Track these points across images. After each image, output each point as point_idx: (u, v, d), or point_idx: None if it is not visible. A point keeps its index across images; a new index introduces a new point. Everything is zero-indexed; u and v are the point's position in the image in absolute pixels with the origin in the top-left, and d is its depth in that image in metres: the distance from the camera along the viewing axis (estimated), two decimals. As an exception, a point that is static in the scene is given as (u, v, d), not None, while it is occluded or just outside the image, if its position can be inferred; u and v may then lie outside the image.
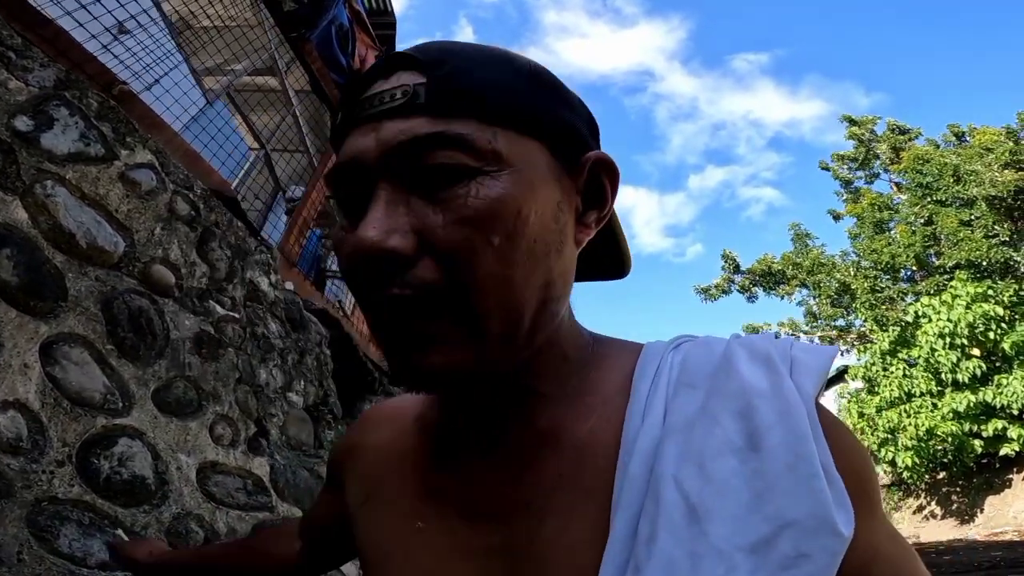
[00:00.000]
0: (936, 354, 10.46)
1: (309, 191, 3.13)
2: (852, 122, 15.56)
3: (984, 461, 11.12)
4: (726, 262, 15.36)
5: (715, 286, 15.38)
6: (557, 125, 0.39)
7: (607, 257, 0.50)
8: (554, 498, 0.38)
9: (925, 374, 10.83)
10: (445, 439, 0.45)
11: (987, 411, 10.20)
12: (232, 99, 3.59)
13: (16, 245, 1.35)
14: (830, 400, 14.41)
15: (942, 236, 12.45)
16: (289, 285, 2.88)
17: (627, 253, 0.50)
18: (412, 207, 0.34)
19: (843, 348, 13.89)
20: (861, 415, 12.09)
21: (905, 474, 11.31)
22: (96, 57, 1.81)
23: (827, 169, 15.94)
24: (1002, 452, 10.19)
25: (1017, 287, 10.86)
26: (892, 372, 11.49)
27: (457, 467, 0.43)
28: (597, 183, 0.42)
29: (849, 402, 12.91)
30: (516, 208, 0.35)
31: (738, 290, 15.28)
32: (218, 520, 1.73)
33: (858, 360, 13.12)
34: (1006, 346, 10.08)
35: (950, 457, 10.87)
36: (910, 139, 14.70)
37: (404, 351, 0.35)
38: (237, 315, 2.14)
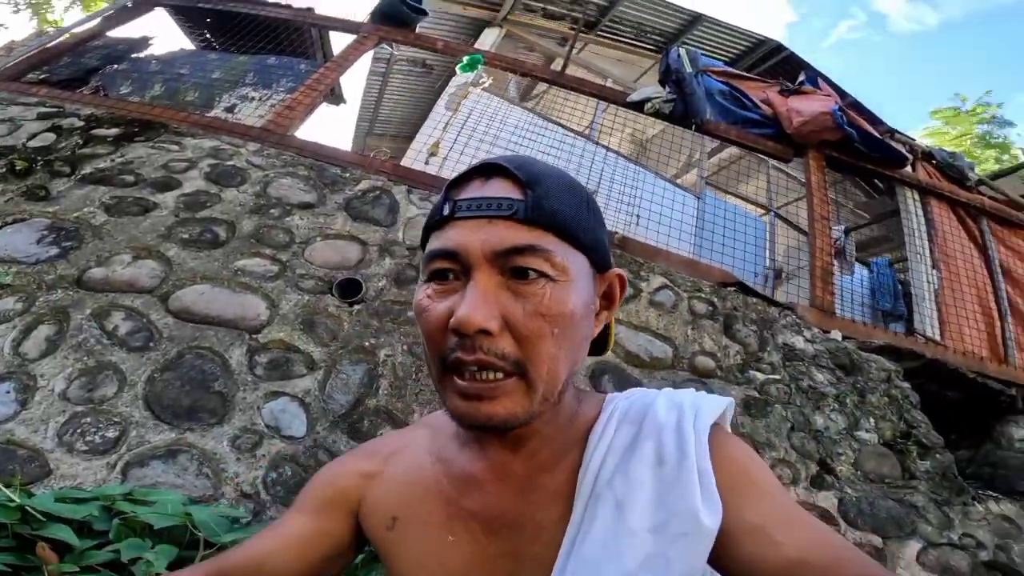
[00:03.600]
0: None
1: (812, 238, 3.10)
2: None
3: None
4: None
5: None
6: (599, 245, 0.55)
7: (597, 342, 0.62)
8: (547, 512, 0.54)
9: None
10: (467, 473, 0.59)
11: None
12: (709, 183, 4.13)
13: (612, 372, 2.09)
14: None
15: None
16: (836, 334, 2.84)
17: (611, 341, 0.65)
18: (500, 295, 0.48)
19: None
20: None
21: None
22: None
23: None
24: None
25: None
26: None
27: (478, 493, 0.57)
28: (611, 291, 0.59)
29: None
30: (572, 310, 0.50)
31: None
32: None
33: None
34: None
35: None
36: None
37: (477, 400, 0.48)
38: (778, 376, 2.33)
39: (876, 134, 3.24)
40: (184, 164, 2.28)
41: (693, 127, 3.22)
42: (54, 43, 3.78)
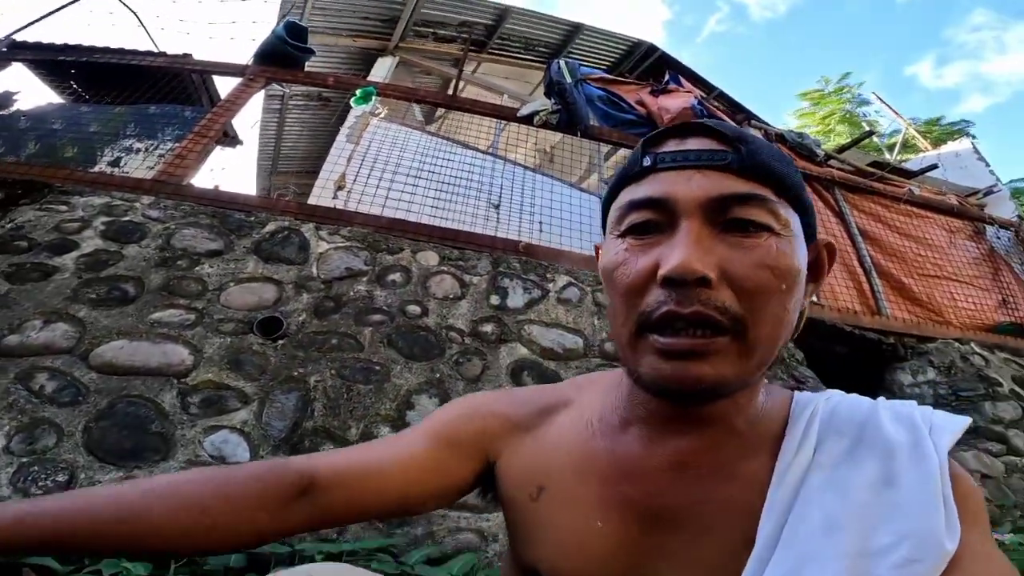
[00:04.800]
0: None
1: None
2: None
3: None
4: None
5: None
6: (809, 213, 0.53)
7: None
8: (720, 516, 0.50)
9: None
10: (632, 454, 0.55)
11: None
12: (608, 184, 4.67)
13: (531, 368, 2.41)
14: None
15: None
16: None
17: (802, 323, 0.58)
18: (714, 246, 0.46)
19: None
20: None
21: None
22: (492, 235, 2.97)
23: None
24: None
25: None
26: None
27: (641, 481, 0.54)
28: (819, 262, 0.55)
29: None
30: (799, 267, 0.48)
31: None
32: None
33: None
34: None
35: None
36: None
37: (684, 359, 0.45)
38: (679, 351, 2.76)
39: (732, 123, 3.84)
40: (77, 224, 2.37)
41: (579, 134, 3.67)
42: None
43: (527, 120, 3.82)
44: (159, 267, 2.25)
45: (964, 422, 0.51)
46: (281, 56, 3.93)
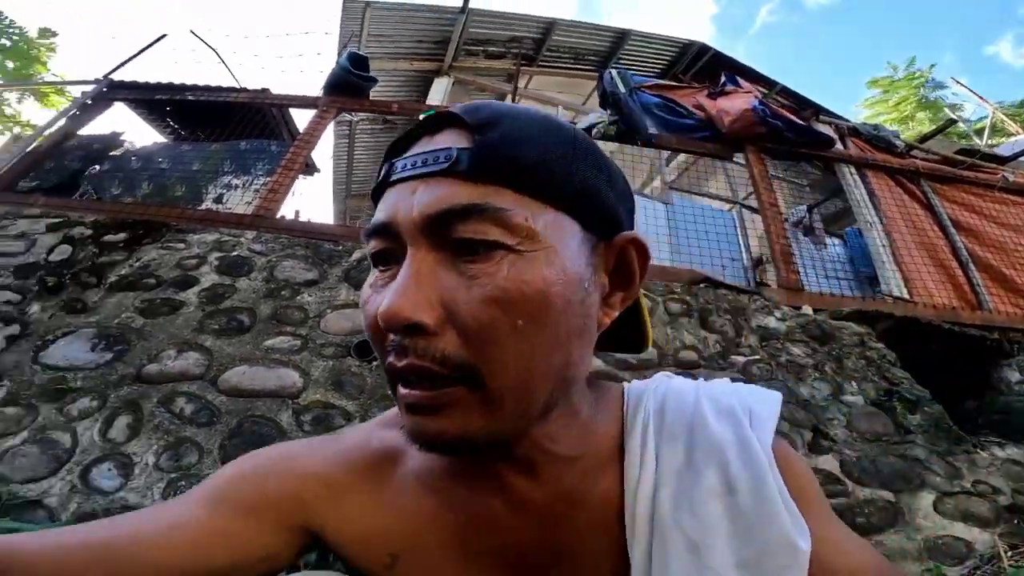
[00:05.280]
0: None
1: (767, 224, 3.56)
2: None
3: None
4: None
5: None
6: (595, 203, 0.43)
7: (627, 333, 0.54)
8: (584, 544, 0.49)
9: None
10: (475, 503, 0.50)
11: None
12: (676, 188, 4.62)
13: (605, 378, 2.49)
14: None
15: None
16: (807, 308, 3.27)
17: (648, 332, 0.54)
18: (441, 277, 0.38)
19: None
20: None
21: None
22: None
23: None
24: None
25: None
26: None
27: (495, 530, 0.50)
28: (626, 264, 0.46)
29: None
30: (545, 291, 0.38)
31: None
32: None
33: None
34: None
35: None
36: None
37: (419, 414, 0.40)
38: (758, 356, 2.74)
39: (799, 121, 3.75)
40: (195, 260, 2.68)
41: (638, 142, 3.71)
42: (32, 147, 4.00)
43: (586, 133, 3.90)
44: (267, 298, 2.51)
45: (777, 403, 0.52)
46: (347, 86, 4.19)
